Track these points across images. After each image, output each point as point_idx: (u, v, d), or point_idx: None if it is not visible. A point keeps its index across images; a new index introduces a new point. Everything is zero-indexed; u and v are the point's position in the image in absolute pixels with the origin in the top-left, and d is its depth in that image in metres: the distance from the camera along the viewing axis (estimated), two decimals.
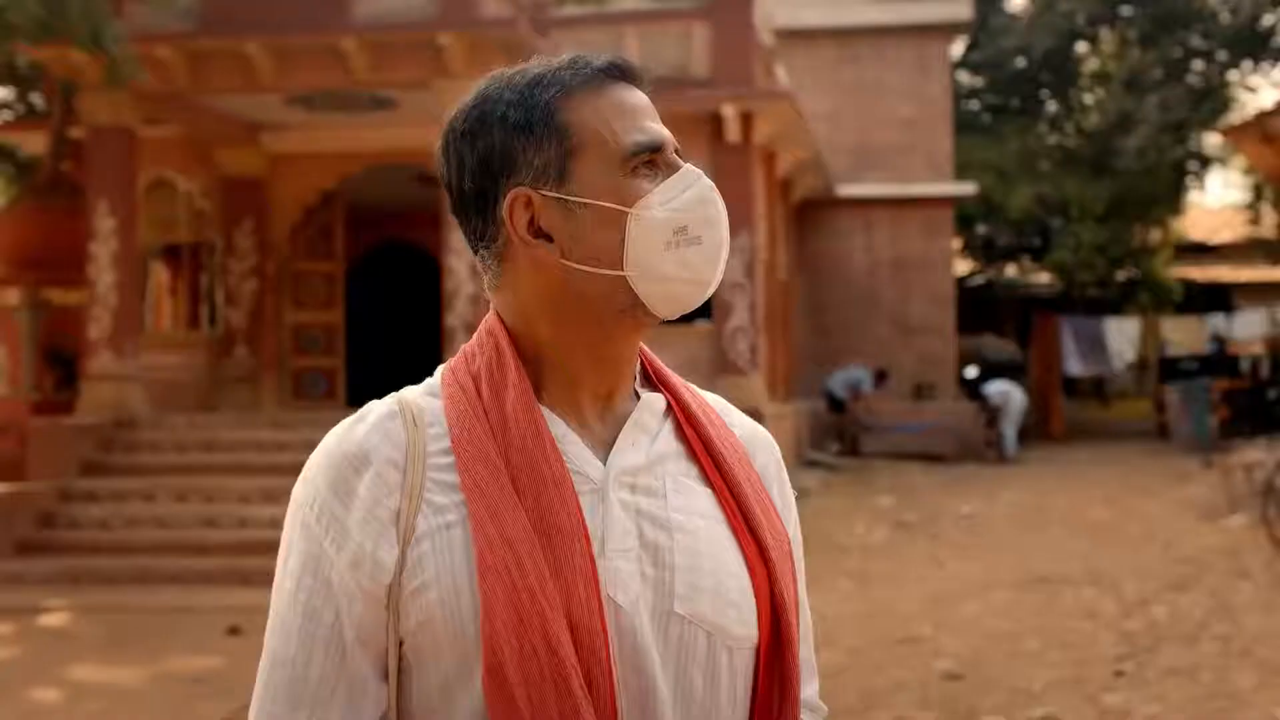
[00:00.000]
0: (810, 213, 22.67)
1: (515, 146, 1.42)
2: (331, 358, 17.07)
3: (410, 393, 1.47)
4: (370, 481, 1.38)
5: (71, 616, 10.07)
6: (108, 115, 13.81)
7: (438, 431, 1.42)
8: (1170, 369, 24.45)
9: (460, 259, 13.48)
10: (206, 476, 12.75)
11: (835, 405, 20.85)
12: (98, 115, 13.87)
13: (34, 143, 17.09)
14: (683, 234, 1.41)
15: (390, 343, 20.62)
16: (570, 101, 1.42)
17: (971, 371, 25.24)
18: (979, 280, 30.58)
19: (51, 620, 10.03)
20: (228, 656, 8.78)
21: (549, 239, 1.41)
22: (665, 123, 1.48)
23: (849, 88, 23.56)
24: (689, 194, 1.42)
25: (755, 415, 10.63)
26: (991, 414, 21.12)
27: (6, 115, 19.77)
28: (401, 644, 1.37)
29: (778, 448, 1.64)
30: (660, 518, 1.42)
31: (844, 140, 23.16)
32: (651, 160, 1.42)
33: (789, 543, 1.52)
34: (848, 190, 22.89)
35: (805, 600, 1.60)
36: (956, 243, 26.91)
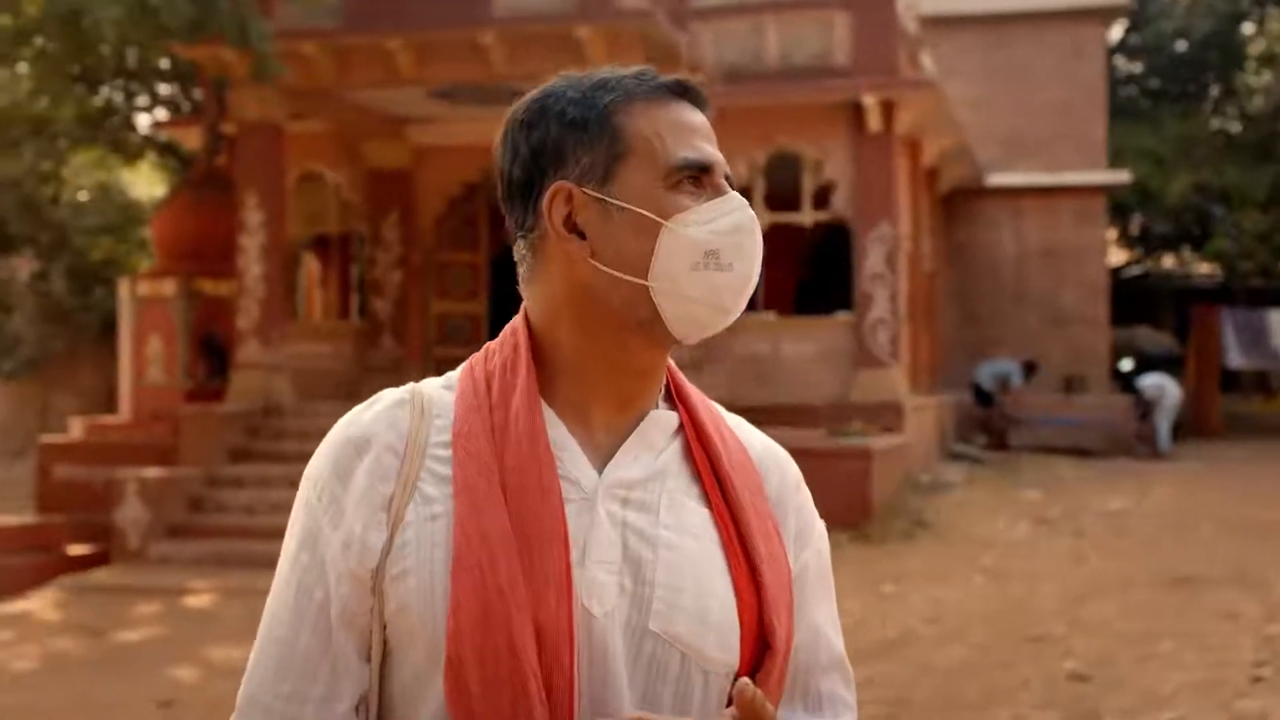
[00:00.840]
0: (958, 202, 22.29)
1: (567, 142, 1.44)
2: (475, 347, 17.01)
3: (429, 383, 1.51)
4: (368, 465, 1.41)
5: (215, 598, 10.39)
6: (256, 111, 14.18)
7: (443, 424, 1.44)
8: None
9: None
10: None
11: (982, 398, 20.49)
12: (247, 111, 14.25)
13: (194, 138, 17.60)
14: (714, 258, 1.41)
15: None
16: (628, 108, 1.44)
17: (1126, 364, 24.59)
18: (1135, 270, 29.78)
19: (196, 601, 10.36)
20: None
21: (582, 236, 1.43)
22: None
23: (999, 74, 23.11)
24: (728, 219, 1.42)
25: (895, 409, 10.44)
26: (1145, 408, 20.54)
27: (173, 112, 20.45)
28: (386, 628, 1.39)
29: (795, 470, 1.60)
30: (648, 533, 1.41)
31: (994, 128, 22.72)
32: (698, 179, 1.43)
33: (789, 572, 1.48)
34: (998, 179, 22.46)
35: (831, 631, 1.56)
36: (1111, 232, 26.23)
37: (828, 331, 15.64)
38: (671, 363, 1.52)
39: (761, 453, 1.56)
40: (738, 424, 1.58)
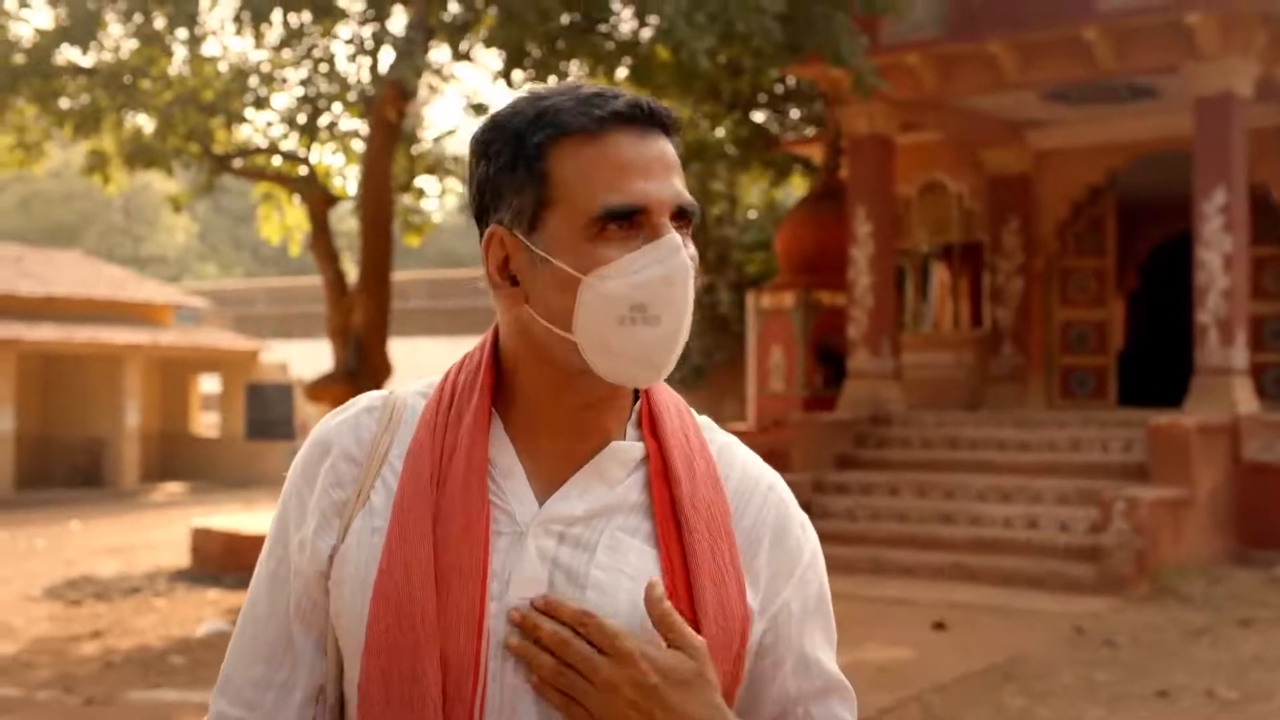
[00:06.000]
0: None
1: (504, 181, 1.39)
2: (1101, 356, 16.65)
3: (411, 387, 1.50)
4: (326, 470, 1.44)
5: None
6: (864, 125, 14.48)
7: (405, 434, 1.44)
8: None
9: (1211, 250, 12.66)
10: (948, 473, 12.99)
11: None
12: (856, 125, 14.59)
13: (821, 155, 18.22)
14: (640, 311, 1.33)
15: (1175, 341, 19.69)
16: (559, 147, 1.36)
17: None
18: None
19: None
20: (921, 649, 8.98)
21: (515, 282, 1.39)
22: None
23: None
24: (655, 270, 1.33)
25: None
26: None
27: (809, 130, 21.31)
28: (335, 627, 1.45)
29: (781, 497, 1.51)
30: (577, 573, 1.38)
31: None
32: (630, 222, 1.34)
33: (745, 618, 1.42)
34: None
35: (825, 657, 1.51)
36: None
37: None
38: (658, 386, 1.46)
39: (740, 483, 1.49)
40: (725, 448, 1.51)
